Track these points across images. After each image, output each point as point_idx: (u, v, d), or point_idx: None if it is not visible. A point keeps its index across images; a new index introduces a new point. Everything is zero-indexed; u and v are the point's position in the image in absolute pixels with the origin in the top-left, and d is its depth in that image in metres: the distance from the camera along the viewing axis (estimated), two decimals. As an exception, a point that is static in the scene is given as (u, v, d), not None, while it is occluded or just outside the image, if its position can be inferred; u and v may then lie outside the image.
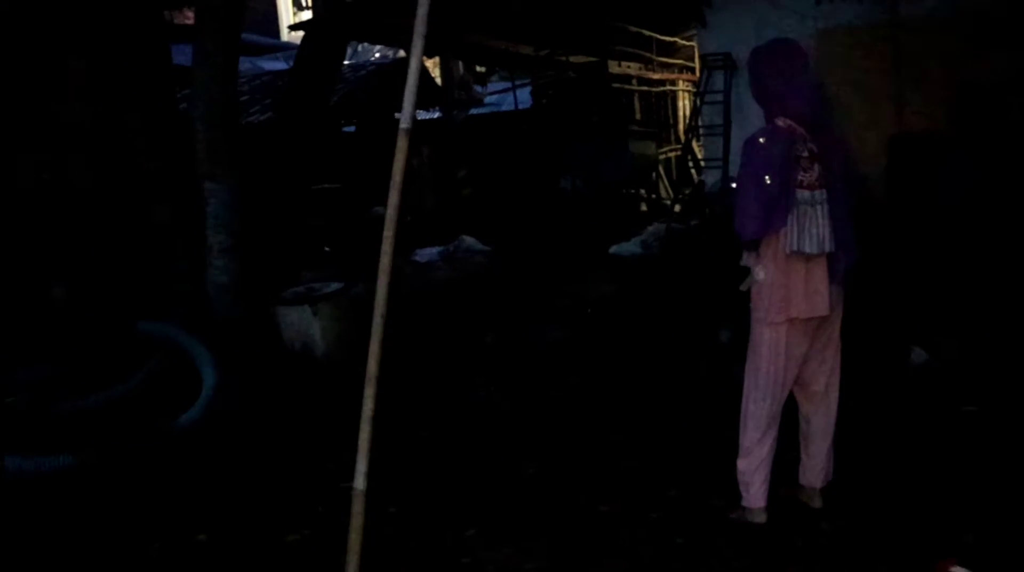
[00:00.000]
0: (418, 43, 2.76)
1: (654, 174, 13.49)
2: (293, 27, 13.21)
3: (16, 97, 5.97)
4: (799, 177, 3.28)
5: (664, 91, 15.60)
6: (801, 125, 3.31)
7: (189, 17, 7.30)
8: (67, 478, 4.28)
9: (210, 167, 6.00)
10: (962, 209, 7.42)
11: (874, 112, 8.87)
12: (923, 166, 8.11)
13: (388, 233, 2.80)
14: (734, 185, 3.77)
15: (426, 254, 10.10)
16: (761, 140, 3.32)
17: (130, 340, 5.53)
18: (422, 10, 2.82)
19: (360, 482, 2.67)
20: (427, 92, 12.86)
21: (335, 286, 6.27)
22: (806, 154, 3.30)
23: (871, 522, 3.50)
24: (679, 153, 13.75)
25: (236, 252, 6.02)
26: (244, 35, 13.17)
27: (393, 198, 2.78)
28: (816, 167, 3.31)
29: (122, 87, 6.07)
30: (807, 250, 3.28)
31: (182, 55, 6.18)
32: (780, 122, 3.33)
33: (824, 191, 3.31)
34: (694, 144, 12.39)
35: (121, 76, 6.06)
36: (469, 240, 10.90)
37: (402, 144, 2.74)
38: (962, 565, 3.02)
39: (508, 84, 14.74)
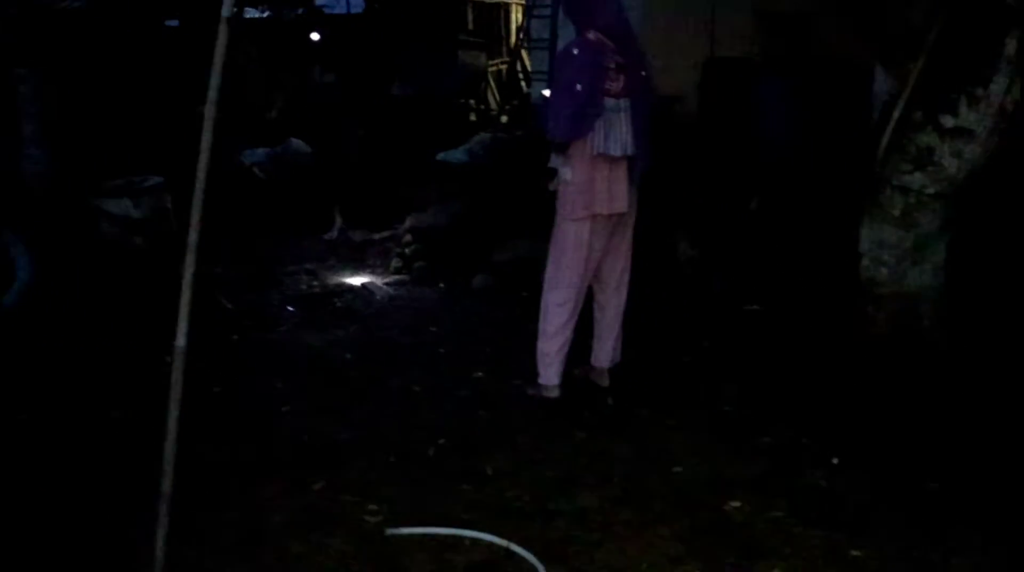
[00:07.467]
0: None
1: (483, 85, 13.62)
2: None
3: None
4: (607, 86, 3.59)
5: (497, 2, 15.65)
6: (609, 38, 3.60)
7: None
8: None
9: (18, 52, 5.72)
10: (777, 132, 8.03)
11: (690, 36, 9.32)
12: (734, 88, 8.66)
13: (208, 122, 2.87)
14: (546, 92, 4.04)
15: (255, 155, 9.99)
16: (574, 51, 3.60)
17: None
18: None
19: (181, 340, 2.78)
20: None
21: (155, 180, 6.20)
22: (613, 65, 3.60)
23: (650, 397, 3.97)
24: (508, 65, 13.92)
25: (49, 141, 5.81)
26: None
27: (212, 92, 2.83)
28: (622, 78, 3.62)
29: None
30: (612, 152, 3.61)
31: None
32: (590, 35, 3.60)
33: (627, 100, 3.63)
34: (524, 55, 12.60)
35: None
36: (297, 142, 10.78)
37: (222, 36, 2.77)
38: None
39: (340, -14, 14.35)
